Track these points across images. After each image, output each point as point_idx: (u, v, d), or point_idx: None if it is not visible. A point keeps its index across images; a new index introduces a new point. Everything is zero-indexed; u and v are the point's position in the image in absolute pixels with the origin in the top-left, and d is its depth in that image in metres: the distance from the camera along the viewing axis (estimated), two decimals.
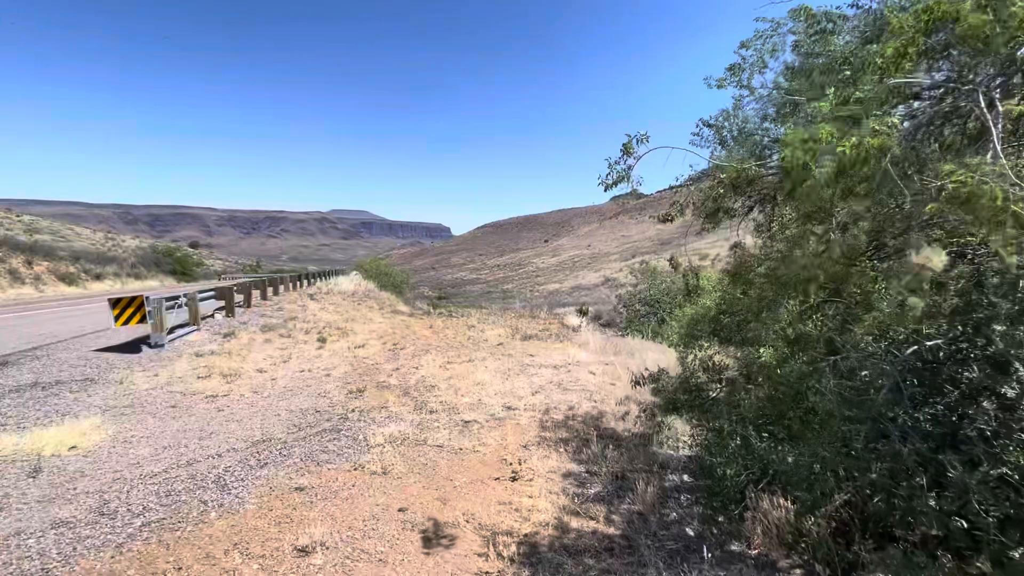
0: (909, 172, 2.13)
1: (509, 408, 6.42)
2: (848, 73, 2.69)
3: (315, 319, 14.21)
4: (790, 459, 3.73)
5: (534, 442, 5.29)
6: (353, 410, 6.17)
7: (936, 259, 2.06)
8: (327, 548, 3.26)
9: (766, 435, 4.11)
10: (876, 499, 3.00)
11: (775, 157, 4.43)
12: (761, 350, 4.76)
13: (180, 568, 3.00)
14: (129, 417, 5.69)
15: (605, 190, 2.82)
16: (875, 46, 2.65)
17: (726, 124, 5.01)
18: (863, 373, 3.21)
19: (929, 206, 1.92)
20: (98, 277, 28.65)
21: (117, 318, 9.47)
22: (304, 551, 3.21)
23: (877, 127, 1.92)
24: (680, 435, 5.34)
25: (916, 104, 2.75)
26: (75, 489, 3.95)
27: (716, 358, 5.12)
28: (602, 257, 71.41)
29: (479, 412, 6.21)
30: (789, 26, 4.35)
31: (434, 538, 3.45)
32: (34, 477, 4.12)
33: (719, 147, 5.07)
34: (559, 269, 70.48)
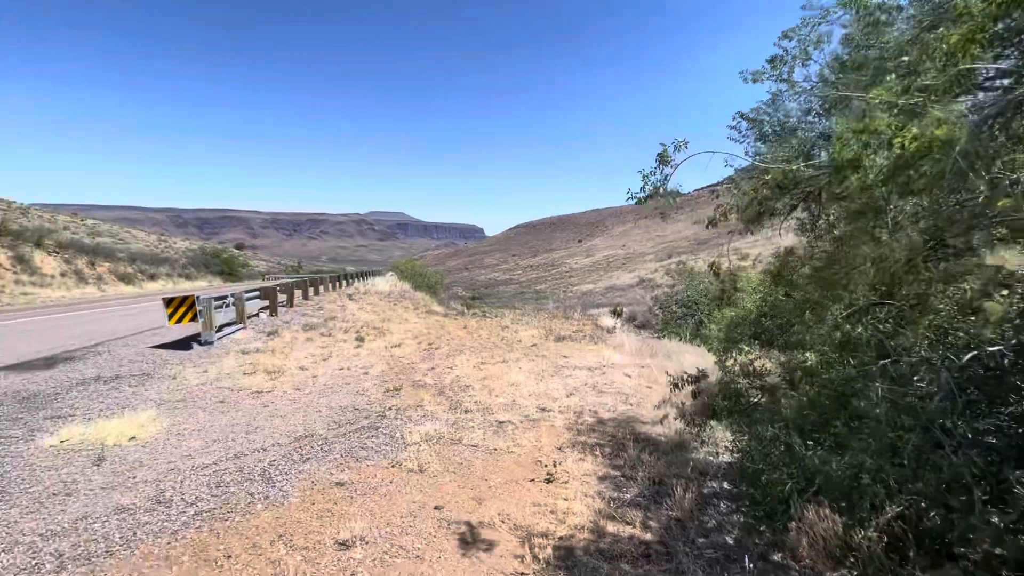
0: (977, 166, 2.00)
1: (543, 409, 6.41)
2: (907, 60, 2.54)
3: (353, 319, 14.59)
4: (836, 468, 3.57)
5: (569, 444, 5.27)
6: (390, 408, 6.31)
7: (1012, 259, 1.92)
8: (366, 543, 3.35)
9: (811, 442, 3.95)
10: (932, 513, 2.84)
11: (822, 154, 4.27)
12: (806, 354, 4.58)
13: (230, 556, 3.14)
14: (181, 411, 6.00)
15: (637, 203, 2.77)
16: (938, 31, 2.51)
17: (766, 118, 4.85)
18: (916, 379, 3.05)
19: (1001, 201, 1.80)
20: (152, 277, 30.30)
21: (170, 316, 10.00)
22: (344, 545, 3.31)
23: (942, 116, 1.80)
24: (719, 440, 5.21)
25: (981, 96, 2.59)
26: (134, 478, 4.20)
27: (757, 363, 4.96)
28: (637, 257, 70.32)
29: (513, 413, 6.23)
30: (838, 15, 4.17)
31: (470, 538, 3.49)
32: (98, 465, 4.40)
33: (759, 142, 4.92)
34: (593, 269, 69.83)
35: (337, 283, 25.61)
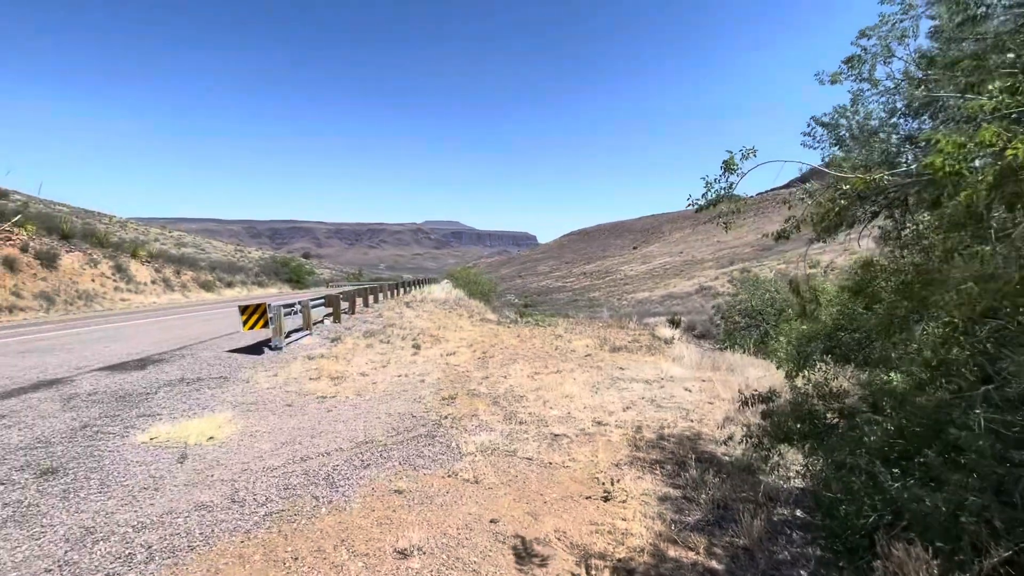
0: None
1: (599, 423, 6.27)
2: (1012, 56, 2.29)
3: (410, 326, 15.00)
4: (929, 502, 3.24)
5: (626, 461, 5.12)
6: (446, 417, 6.40)
7: None
8: (424, 553, 3.39)
9: (898, 472, 3.61)
10: None
11: (907, 158, 3.93)
12: (891, 374, 4.20)
13: (296, 559, 3.28)
14: (254, 413, 6.37)
15: (698, 210, 2.65)
16: None
17: (843, 122, 4.53)
18: None
19: None
20: (229, 284, 32.63)
21: (245, 323, 10.70)
22: (403, 554, 3.36)
23: None
24: (791, 464, 4.87)
25: None
26: (212, 476, 4.49)
27: (833, 383, 4.61)
28: (695, 264, 67.88)
29: (568, 426, 6.14)
30: (923, 8, 3.84)
31: (525, 554, 3.45)
32: (181, 463, 4.75)
33: (835, 147, 4.60)
34: (649, 277, 68.09)
35: (395, 291, 26.48)
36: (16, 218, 21.55)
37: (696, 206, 3.42)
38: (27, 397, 6.60)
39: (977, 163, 2.37)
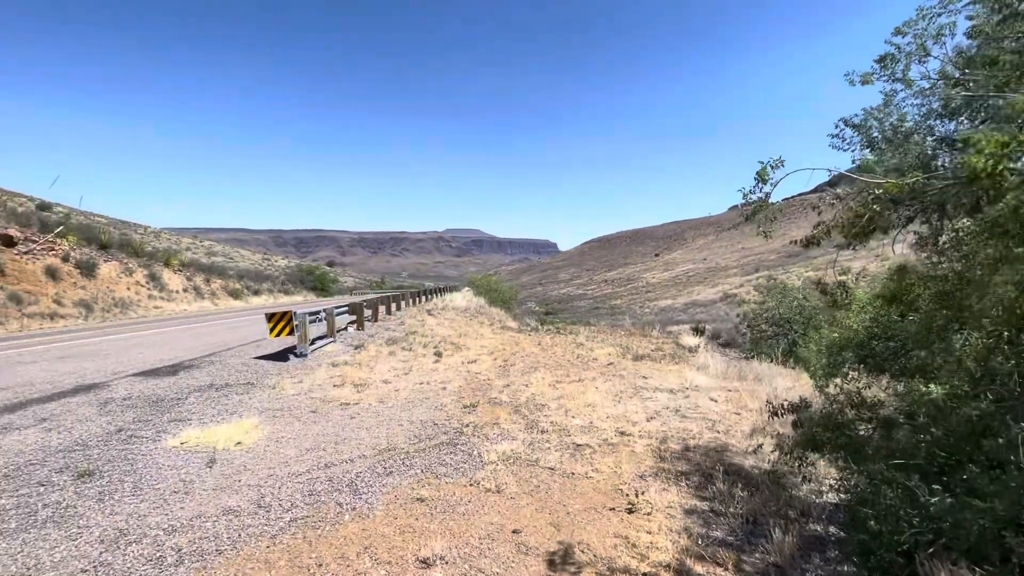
0: None
1: (622, 433, 6.18)
2: None
3: (432, 333, 15.09)
4: (971, 520, 3.08)
5: (651, 472, 5.02)
6: (467, 425, 6.39)
7: None
8: (446, 562, 3.38)
9: (938, 487, 3.44)
10: None
11: (943, 160, 3.80)
12: (930, 386, 4.03)
13: (320, 565, 3.30)
14: (279, 419, 6.48)
15: (745, 220, 2.61)
16: None
17: (874, 124, 4.41)
18: None
19: None
20: (256, 292, 33.43)
21: (271, 330, 10.93)
22: (425, 563, 3.36)
23: None
24: (823, 477, 4.71)
25: None
26: (240, 481, 4.57)
27: (867, 393, 4.45)
28: (719, 271, 66.72)
29: (591, 436, 6.07)
30: (963, 2, 3.73)
31: (548, 565, 3.40)
32: (210, 467, 4.85)
33: (866, 150, 4.47)
34: (671, 284, 67.18)
35: (417, 299, 26.73)
36: (59, 229, 22.56)
37: (745, 215, 3.35)
38: (66, 401, 6.86)
39: (1021, 164, 2.27)
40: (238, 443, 5.52)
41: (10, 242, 19.23)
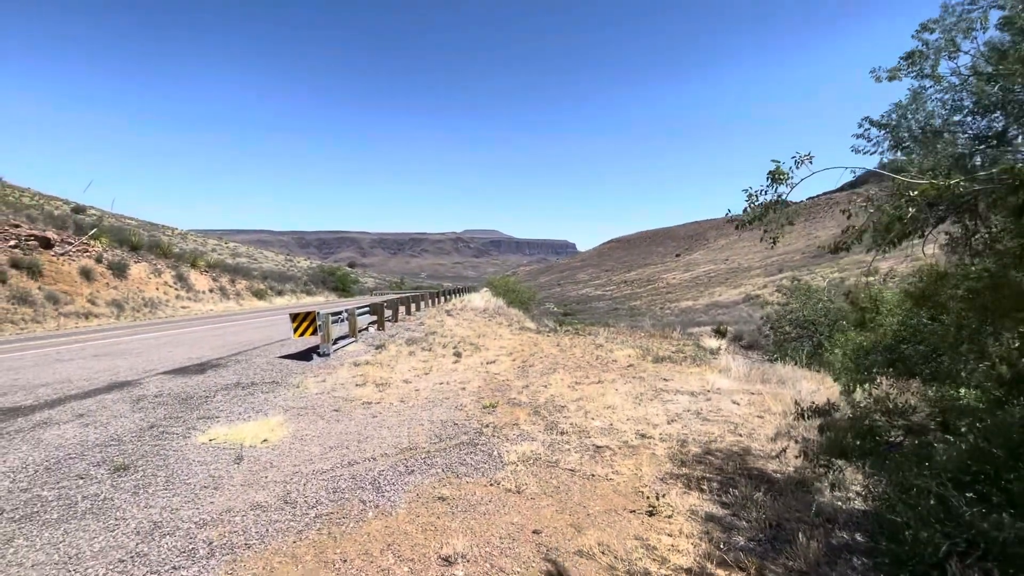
0: None
1: (643, 436, 6.14)
2: None
3: (451, 334, 15.20)
4: (1010, 531, 2.98)
5: (671, 476, 4.98)
6: (487, 425, 6.43)
7: None
8: (467, 561, 3.41)
9: (973, 496, 3.35)
10: None
11: (978, 159, 3.69)
12: (962, 390, 3.92)
13: (345, 561, 3.37)
14: (303, 418, 6.62)
15: (738, 228, 2.56)
16: None
17: (902, 122, 4.30)
18: None
19: None
20: (280, 293, 34.10)
21: (295, 330, 11.15)
22: (447, 561, 3.40)
23: None
24: (850, 483, 4.61)
25: None
26: (266, 478, 4.69)
27: (899, 398, 4.35)
28: (742, 272, 65.59)
29: (611, 438, 6.05)
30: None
31: (569, 567, 3.41)
32: (238, 464, 4.98)
33: (894, 150, 4.37)
34: (692, 285, 66.30)
35: (436, 299, 26.94)
36: (92, 231, 23.39)
37: (739, 223, 3.28)
38: (102, 398, 7.12)
39: None
40: (264, 440, 5.66)
41: (48, 244, 20.03)
